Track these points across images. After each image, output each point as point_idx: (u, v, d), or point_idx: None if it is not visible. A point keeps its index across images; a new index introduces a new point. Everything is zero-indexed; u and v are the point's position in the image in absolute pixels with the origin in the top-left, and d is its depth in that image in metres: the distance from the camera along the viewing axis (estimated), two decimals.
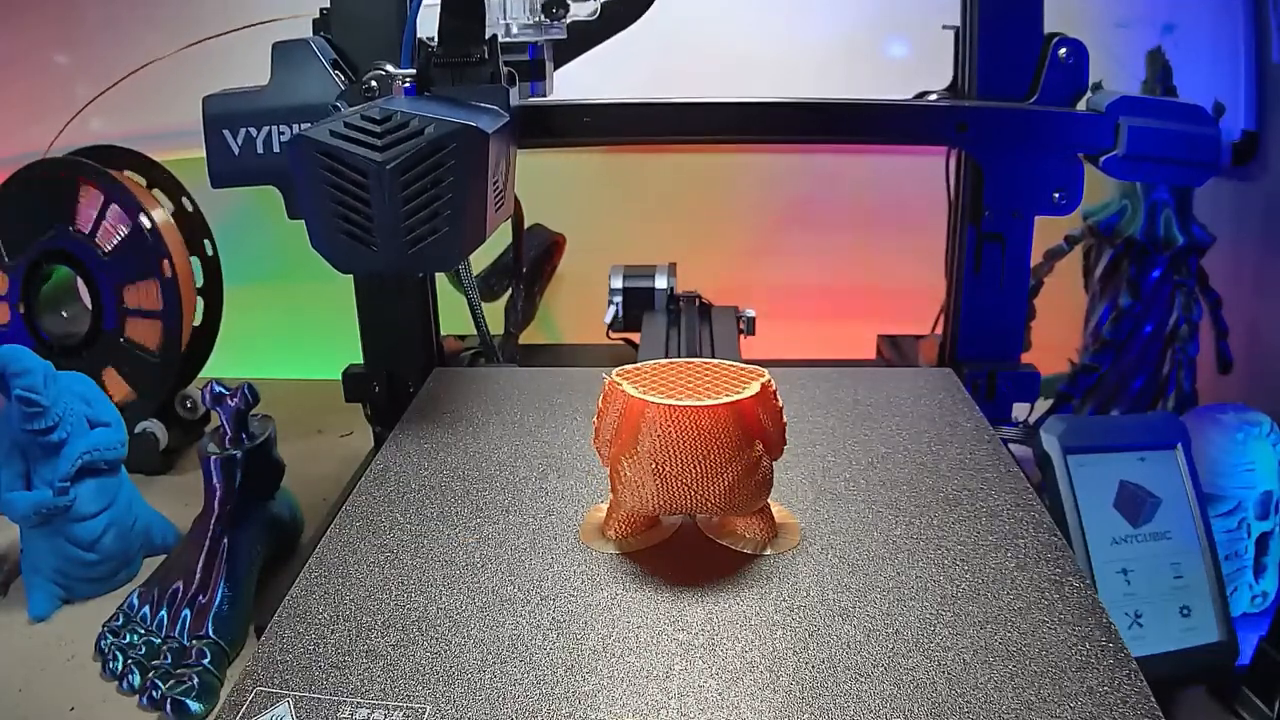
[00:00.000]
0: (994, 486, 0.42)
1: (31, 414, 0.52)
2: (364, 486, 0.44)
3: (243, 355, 0.90)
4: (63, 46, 1.00)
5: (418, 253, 0.45)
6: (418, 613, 0.35)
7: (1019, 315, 0.62)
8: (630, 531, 0.38)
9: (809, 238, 0.96)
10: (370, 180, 0.43)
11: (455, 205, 0.44)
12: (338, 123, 0.43)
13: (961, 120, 0.57)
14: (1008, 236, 0.59)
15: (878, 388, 0.53)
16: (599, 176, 0.97)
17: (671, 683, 0.31)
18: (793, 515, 0.40)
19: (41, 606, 0.54)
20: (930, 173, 0.67)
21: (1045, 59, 0.57)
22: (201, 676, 0.47)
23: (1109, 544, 0.50)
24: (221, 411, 0.54)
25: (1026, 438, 0.54)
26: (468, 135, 0.44)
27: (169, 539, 0.60)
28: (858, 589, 0.35)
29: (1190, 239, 0.68)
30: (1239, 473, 0.56)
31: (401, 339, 0.63)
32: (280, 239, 0.95)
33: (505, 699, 0.30)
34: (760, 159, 0.96)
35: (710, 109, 0.59)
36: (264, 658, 0.33)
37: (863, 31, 0.90)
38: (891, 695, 0.30)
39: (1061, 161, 0.58)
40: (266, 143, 0.54)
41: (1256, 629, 0.51)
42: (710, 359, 0.39)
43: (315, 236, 0.46)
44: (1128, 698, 0.29)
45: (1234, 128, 0.75)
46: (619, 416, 0.36)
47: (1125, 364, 0.71)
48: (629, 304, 0.74)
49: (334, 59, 0.55)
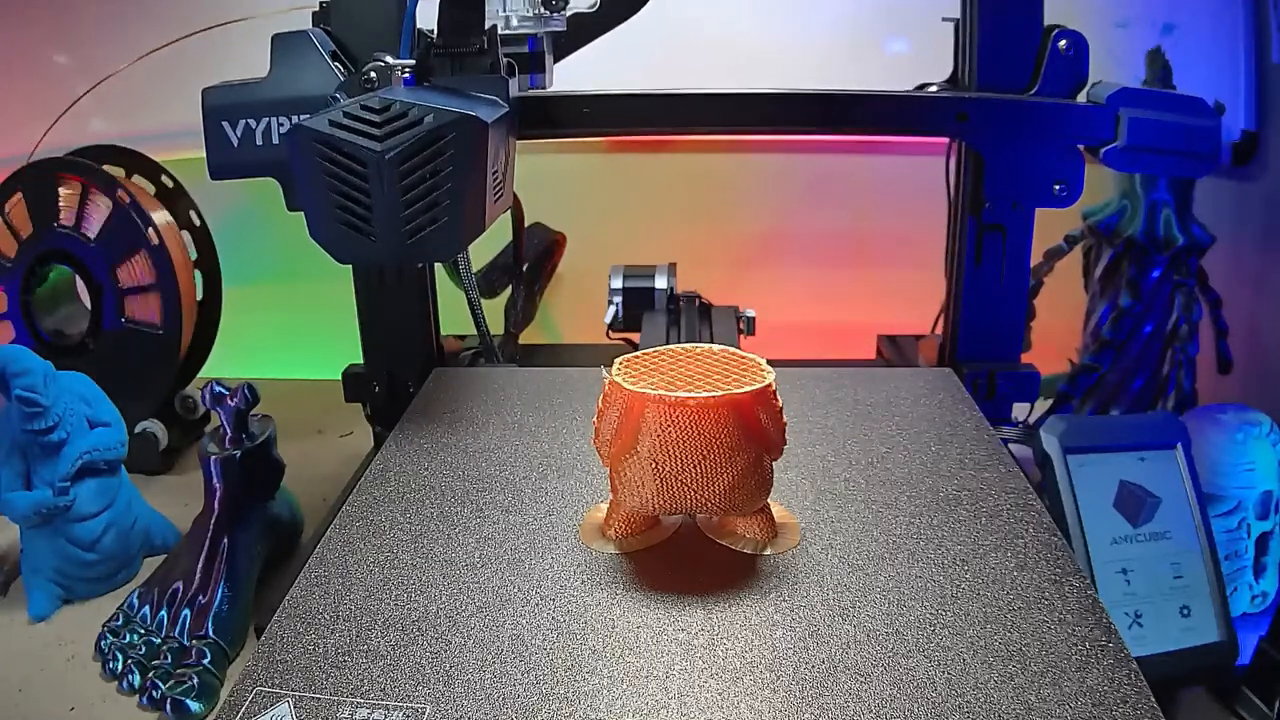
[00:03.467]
0: (994, 486, 0.42)
1: (31, 414, 0.52)
2: (364, 486, 0.44)
3: (243, 355, 0.90)
4: (61, 46, 0.99)
5: (417, 243, 0.45)
6: (418, 613, 0.35)
7: (1019, 312, 0.62)
8: (630, 531, 0.38)
9: (809, 238, 0.96)
10: (369, 170, 0.43)
11: (454, 195, 0.44)
12: (337, 112, 0.43)
13: (962, 110, 0.57)
14: (1008, 228, 0.59)
15: (878, 388, 0.53)
16: (599, 176, 0.97)
17: (671, 683, 0.31)
18: (793, 515, 0.40)
19: (41, 606, 0.54)
20: (930, 173, 0.67)
21: (1045, 51, 0.57)
22: (201, 676, 0.47)
23: (1109, 544, 0.50)
24: (221, 411, 0.54)
25: (1026, 438, 0.54)
26: (467, 125, 0.43)
27: (169, 539, 0.60)
28: (858, 589, 0.35)
29: (1190, 239, 0.68)
30: (1239, 473, 0.56)
31: (401, 339, 0.63)
32: (280, 239, 0.95)
33: (505, 699, 0.30)
34: (760, 159, 0.96)
35: (710, 100, 0.59)
36: (264, 658, 0.33)
37: (864, 29, 0.90)
38: (891, 695, 0.30)
39: (1062, 153, 0.58)
40: (266, 134, 0.54)
41: (1256, 629, 0.51)
42: (713, 345, 0.38)
43: (314, 227, 0.46)
44: (1128, 698, 0.29)
45: (1234, 128, 0.75)
46: (619, 416, 0.36)
47: (1125, 364, 0.71)
48: (629, 304, 0.74)
49: (333, 50, 0.55)
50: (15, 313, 0.71)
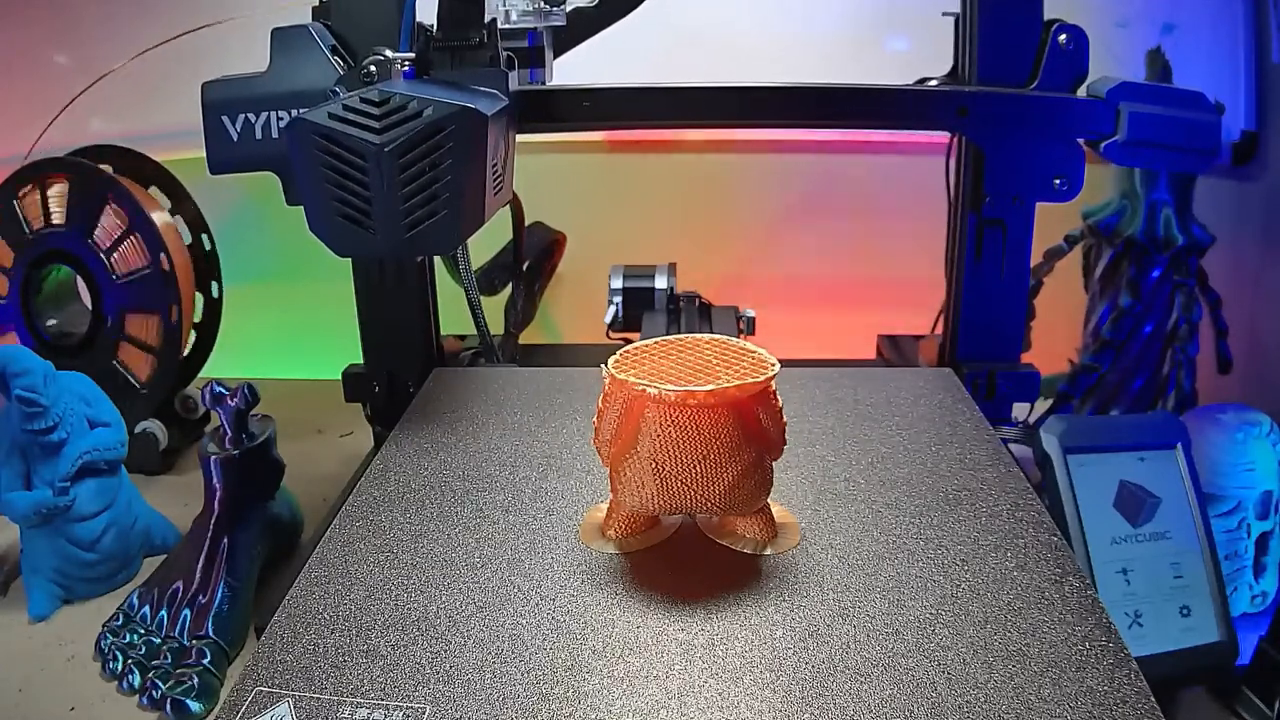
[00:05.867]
0: (994, 486, 0.42)
1: (31, 414, 0.52)
2: (364, 486, 0.44)
3: (243, 355, 0.90)
4: (61, 45, 0.99)
5: (416, 235, 0.45)
6: (418, 613, 0.35)
7: (1019, 310, 0.62)
8: (630, 531, 0.38)
9: (809, 238, 0.96)
10: (369, 162, 0.43)
11: (454, 188, 0.44)
12: (336, 106, 0.43)
13: (962, 105, 0.57)
14: (1009, 223, 0.59)
15: (878, 388, 0.53)
16: (599, 176, 0.97)
17: (671, 683, 0.31)
18: (793, 515, 0.40)
19: (41, 606, 0.54)
20: (930, 173, 0.67)
21: (1045, 45, 0.57)
22: (201, 676, 0.47)
23: (1109, 544, 0.50)
24: (221, 411, 0.54)
25: (1026, 438, 0.54)
26: (467, 117, 0.43)
27: (169, 539, 0.60)
28: (858, 589, 0.35)
29: (1190, 239, 0.68)
30: (1239, 473, 0.56)
31: (401, 339, 0.63)
32: (280, 238, 0.95)
33: (505, 699, 0.30)
34: (760, 159, 0.96)
35: (710, 93, 0.59)
36: (264, 658, 0.33)
37: (864, 27, 0.90)
38: (891, 695, 0.30)
39: (1062, 147, 0.58)
40: (265, 128, 0.54)
41: (1256, 629, 0.51)
42: (714, 335, 0.38)
43: (313, 220, 0.46)
44: (1128, 698, 0.29)
45: (1234, 128, 0.75)
46: (619, 416, 0.36)
47: (1125, 364, 0.71)
48: (629, 304, 0.74)
49: (333, 45, 0.55)
50: (15, 313, 0.71)
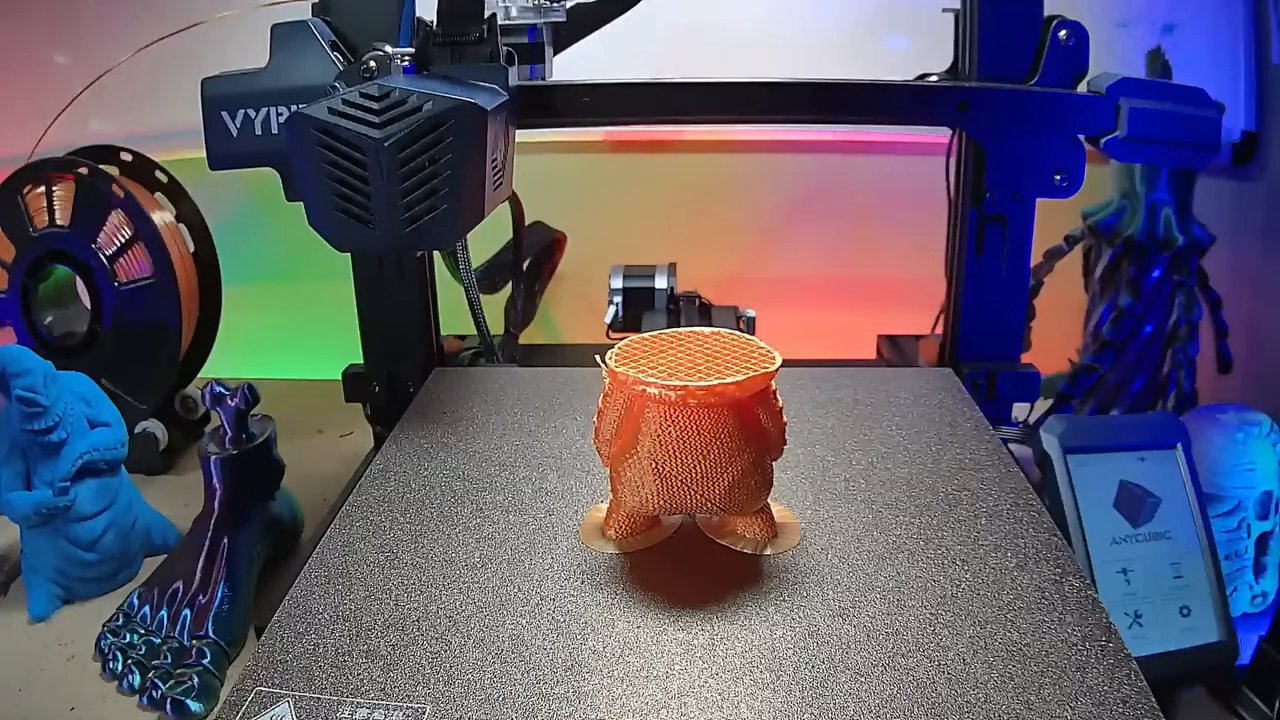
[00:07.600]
0: (994, 486, 0.42)
1: (31, 414, 0.52)
2: (364, 486, 0.44)
3: (243, 355, 0.90)
4: (61, 45, 0.99)
5: (416, 230, 0.44)
6: (418, 613, 0.35)
7: (1019, 308, 0.62)
8: (630, 531, 0.38)
9: (809, 238, 0.96)
10: (368, 157, 0.43)
11: (454, 183, 0.44)
12: (336, 101, 0.43)
13: (962, 100, 0.57)
14: (1009, 219, 0.59)
15: (878, 388, 0.53)
16: (599, 176, 0.97)
17: (671, 683, 0.31)
18: (793, 515, 0.40)
19: (41, 606, 0.54)
20: (929, 173, 0.67)
21: (1045, 41, 0.57)
22: (201, 676, 0.47)
23: (1109, 544, 0.50)
24: (221, 411, 0.54)
25: (1026, 438, 0.54)
26: (467, 112, 0.43)
27: (169, 539, 0.60)
28: (858, 589, 0.35)
29: (1190, 239, 0.68)
30: (1239, 473, 0.56)
31: (401, 339, 0.63)
32: (280, 238, 0.95)
33: (505, 699, 0.30)
34: (761, 159, 0.96)
35: (710, 89, 0.59)
36: (264, 658, 0.33)
37: (864, 25, 0.90)
38: (891, 695, 0.30)
39: (1062, 143, 0.58)
40: (265, 124, 0.54)
41: (1256, 629, 0.51)
42: (716, 328, 0.38)
43: (313, 216, 0.46)
44: (1128, 698, 0.29)
45: (1234, 128, 0.75)
46: (619, 416, 0.36)
47: (1125, 364, 0.71)
48: (629, 304, 0.74)
49: (333, 40, 0.55)
50: (14, 309, 0.71)
